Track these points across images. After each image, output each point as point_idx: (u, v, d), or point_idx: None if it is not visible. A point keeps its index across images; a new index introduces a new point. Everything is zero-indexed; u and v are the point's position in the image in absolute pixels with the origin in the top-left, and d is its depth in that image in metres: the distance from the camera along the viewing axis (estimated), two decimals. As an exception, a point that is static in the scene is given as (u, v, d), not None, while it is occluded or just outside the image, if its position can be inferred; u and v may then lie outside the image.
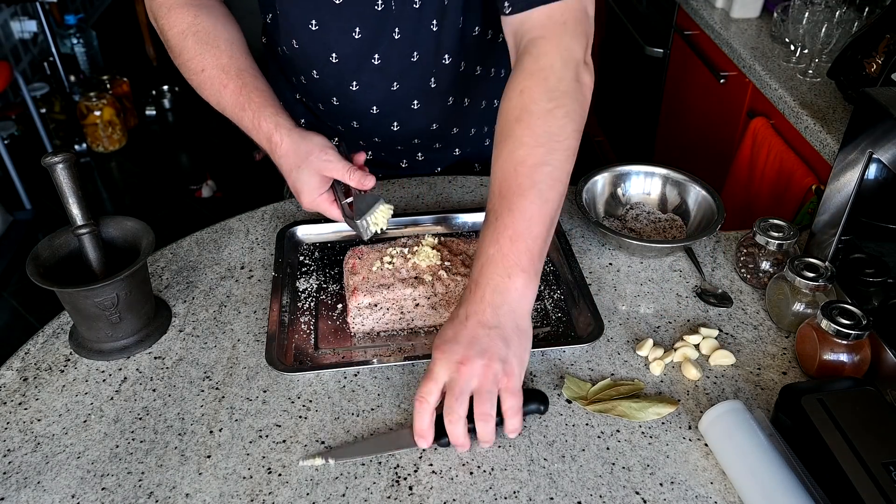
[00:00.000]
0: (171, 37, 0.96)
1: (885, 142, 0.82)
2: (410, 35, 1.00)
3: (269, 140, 0.92)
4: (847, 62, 1.44)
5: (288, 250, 1.03)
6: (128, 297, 0.85)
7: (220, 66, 0.94)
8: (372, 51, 1.02)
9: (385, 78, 1.05)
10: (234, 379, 0.85)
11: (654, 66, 2.29)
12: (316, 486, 0.73)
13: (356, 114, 1.12)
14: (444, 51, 1.03)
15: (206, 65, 0.94)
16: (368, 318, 0.90)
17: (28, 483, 0.74)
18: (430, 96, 1.09)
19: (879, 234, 0.92)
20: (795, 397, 0.74)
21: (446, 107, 1.12)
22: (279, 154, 0.91)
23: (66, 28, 3.57)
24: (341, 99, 1.09)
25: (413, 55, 1.03)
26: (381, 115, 1.11)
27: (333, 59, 1.03)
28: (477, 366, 0.71)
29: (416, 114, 1.11)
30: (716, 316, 0.94)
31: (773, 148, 1.60)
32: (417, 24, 0.99)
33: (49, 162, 0.81)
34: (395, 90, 1.07)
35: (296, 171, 0.91)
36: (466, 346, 0.71)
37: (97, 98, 3.19)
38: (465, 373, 0.71)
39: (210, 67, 0.94)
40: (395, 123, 1.12)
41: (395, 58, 1.03)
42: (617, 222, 1.10)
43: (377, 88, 1.07)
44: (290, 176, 0.92)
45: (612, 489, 0.73)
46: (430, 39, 1.01)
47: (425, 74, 1.06)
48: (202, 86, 0.95)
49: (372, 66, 1.03)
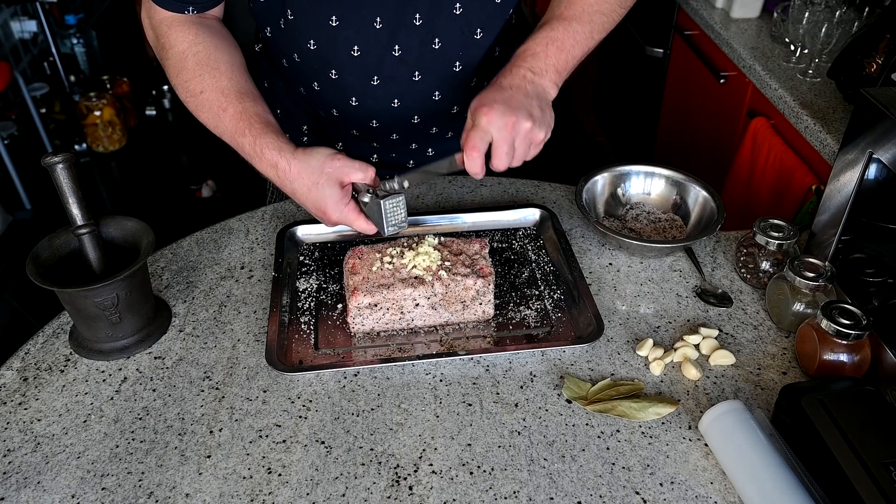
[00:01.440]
0: (171, 56, 0.95)
1: (885, 142, 0.82)
2: (430, 20, 0.99)
3: (275, 167, 0.90)
4: (847, 62, 1.44)
5: (288, 250, 1.03)
6: (128, 297, 0.85)
7: (220, 89, 0.93)
8: (392, 41, 1.00)
9: (407, 68, 1.03)
10: (234, 379, 0.85)
11: (654, 66, 2.29)
12: (316, 486, 0.73)
13: (376, 112, 1.10)
14: (472, 29, 1.03)
15: (206, 87, 0.93)
16: (368, 318, 0.90)
17: (28, 483, 0.74)
18: (452, 83, 1.08)
19: (879, 234, 0.92)
20: (795, 397, 0.74)
21: (469, 87, 1.11)
22: (290, 178, 0.90)
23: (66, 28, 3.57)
24: (361, 98, 1.07)
25: (435, 41, 1.02)
26: (402, 107, 1.09)
27: (355, 53, 1.01)
28: (523, 127, 0.85)
29: (436, 104, 1.10)
30: (716, 316, 0.94)
31: (773, 148, 1.60)
32: (438, 7, 0.98)
33: (49, 162, 0.81)
34: (417, 80, 1.05)
35: (315, 189, 0.89)
36: (516, 110, 0.85)
37: (97, 98, 3.19)
38: (513, 131, 0.85)
39: (209, 90, 0.93)
40: (416, 117, 1.11)
41: (415, 45, 1.01)
42: (617, 222, 1.10)
43: (399, 81, 1.05)
44: (309, 196, 0.90)
45: (612, 489, 0.73)
46: (452, 23, 1.00)
47: (450, 60, 1.05)
48: (200, 108, 0.94)
49: (393, 58, 1.02)
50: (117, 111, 3.26)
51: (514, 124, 0.85)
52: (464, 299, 0.91)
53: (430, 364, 0.86)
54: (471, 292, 0.90)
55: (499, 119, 0.84)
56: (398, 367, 0.86)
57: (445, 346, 0.90)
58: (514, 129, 0.85)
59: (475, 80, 1.10)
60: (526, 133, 0.86)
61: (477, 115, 0.86)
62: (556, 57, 0.92)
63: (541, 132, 0.87)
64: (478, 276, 0.91)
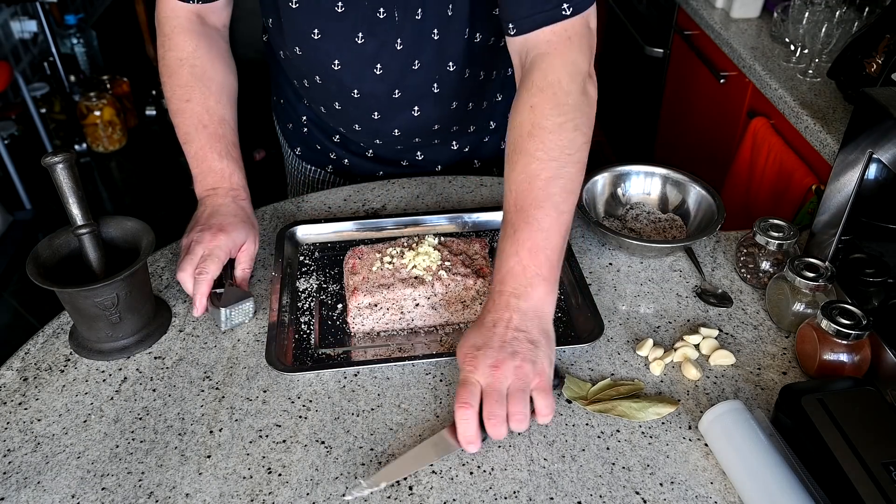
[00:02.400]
0: (169, 59, 0.98)
1: (885, 142, 0.82)
2: (411, 44, 1.00)
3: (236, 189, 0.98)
4: (847, 62, 1.44)
5: (288, 250, 1.03)
6: (128, 297, 0.85)
7: (206, 107, 0.97)
8: (374, 60, 1.02)
9: (387, 85, 1.05)
10: (234, 379, 0.85)
11: (654, 66, 2.29)
12: (316, 486, 0.73)
13: (358, 118, 1.12)
14: (447, 58, 1.04)
15: (194, 98, 0.97)
16: (368, 318, 0.90)
17: (28, 483, 0.74)
18: (432, 101, 1.09)
19: (879, 234, 0.92)
20: (795, 397, 0.74)
21: (449, 110, 1.12)
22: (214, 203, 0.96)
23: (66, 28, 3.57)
24: (343, 104, 1.10)
25: (415, 63, 1.03)
26: (383, 119, 1.11)
27: (335, 67, 1.04)
28: (510, 368, 0.73)
29: (417, 119, 1.11)
30: (716, 316, 0.94)
31: (773, 148, 1.60)
32: (419, 34, 0.99)
33: (49, 162, 0.81)
34: (397, 97, 1.07)
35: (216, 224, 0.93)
36: (498, 350, 0.74)
37: (97, 98, 3.19)
38: (500, 376, 0.73)
39: (196, 102, 0.97)
40: (396, 130, 1.13)
41: (396, 67, 1.03)
42: (617, 222, 1.10)
43: (379, 96, 1.07)
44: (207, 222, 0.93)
45: (612, 489, 0.73)
46: (432, 48, 1.01)
47: (428, 81, 1.06)
48: (181, 112, 0.97)
49: (374, 76, 1.03)
50: (117, 111, 3.26)
51: (498, 369, 0.73)
52: (464, 299, 0.91)
53: (430, 364, 0.86)
54: (471, 292, 0.90)
55: (482, 367, 0.74)
56: (398, 367, 0.86)
57: (445, 346, 0.90)
58: (501, 374, 0.73)
59: (455, 103, 1.12)
60: (517, 375, 0.73)
61: (462, 367, 0.76)
62: (535, 263, 0.78)
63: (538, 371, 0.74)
64: (478, 275, 0.91)
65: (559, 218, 0.80)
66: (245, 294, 0.92)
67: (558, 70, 0.83)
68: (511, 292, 0.78)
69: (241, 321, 0.92)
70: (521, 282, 0.78)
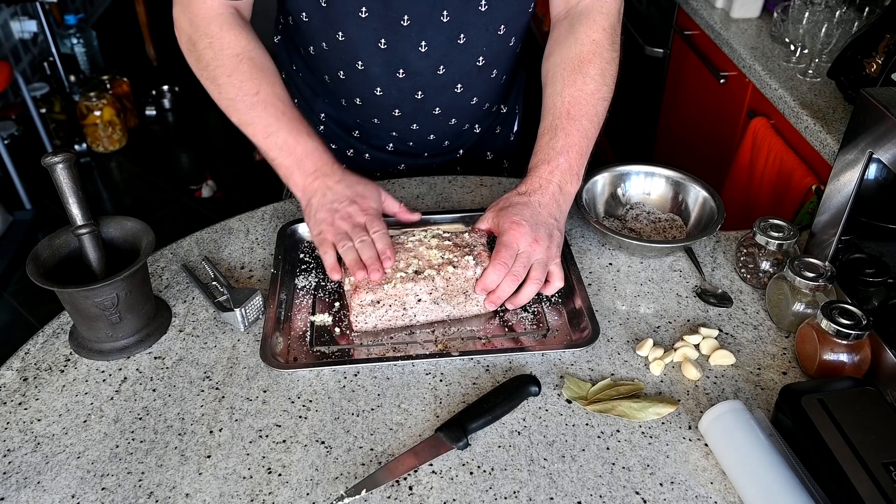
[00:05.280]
0: (225, 56, 0.97)
1: (885, 142, 0.82)
2: (458, 18, 1.03)
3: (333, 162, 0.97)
4: (847, 62, 1.44)
5: (288, 248, 1.03)
6: (128, 297, 0.85)
7: (277, 95, 0.97)
8: (420, 37, 1.04)
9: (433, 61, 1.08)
10: (234, 379, 0.85)
11: (654, 66, 2.29)
12: (316, 486, 0.73)
13: (401, 103, 1.14)
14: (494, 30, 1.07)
15: (263, 89, 0.96)
16: (371, 316, 0.90)
17: (28, 483, 0.74)
18: (475, 76, 1.13)
19: (879, 234, 0.93)
20: (795, 397, 0.74)
21: (489, 80, 1.16)
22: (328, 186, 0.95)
23: (66, 28, 3.57)
24: (385, 88, 1.11)
25: (460, 37, 1.06)
26: (425, 99, 1.13)
27: (359, 67, 1.07)
28: (544, 245, 0.90)
29: (459, 96, 1.14)
30: (716, 316, 0.94)
31: (773, 148, 1.60)
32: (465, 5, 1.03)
33: (49, 162, 0.81)
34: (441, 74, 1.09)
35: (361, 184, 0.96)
36: (540, 229, 0.91)
37: (97, 98, 3.19)
38: (536, 249, 0.90)
39: (266, 93, 0.96)
40: (437, 108, 1.15)
41: (442, 41, 1.05)
42: (617, 222, 1.10)
43: (404, 94, 1.11)
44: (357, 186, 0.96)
45: (612, 489, 0.73)
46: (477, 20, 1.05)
47: (473, 55, 1.09)
48: (254, 106, 0.96)
49: (419, 53, 1.06)
50: (117, 111, 3.26)
51: (537, 243, 0.90)
52: (465, 290, 0.91)
53: (430, 364, 0.86)
54: (472, 282, 0.90)
55: (526, 236, 0.90)
56: (398, 366, 0.86)
57: (445, 346, 0.90)
58: (538, 248, 0.90)
59: (495, 72, 1.15)
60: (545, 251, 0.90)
61: (504, 231, 0.91)
62: (579, 164, 0.97)
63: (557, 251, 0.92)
64: (477, 263, 0.90)
65: (597, 131, 1.00)
66: (250, 290, 0.92)
67: (614, 17, 1.05)
68: (558, 183, 0.95)
69: (256, 317, 0.92)
70: (566, 178, 0.95)
